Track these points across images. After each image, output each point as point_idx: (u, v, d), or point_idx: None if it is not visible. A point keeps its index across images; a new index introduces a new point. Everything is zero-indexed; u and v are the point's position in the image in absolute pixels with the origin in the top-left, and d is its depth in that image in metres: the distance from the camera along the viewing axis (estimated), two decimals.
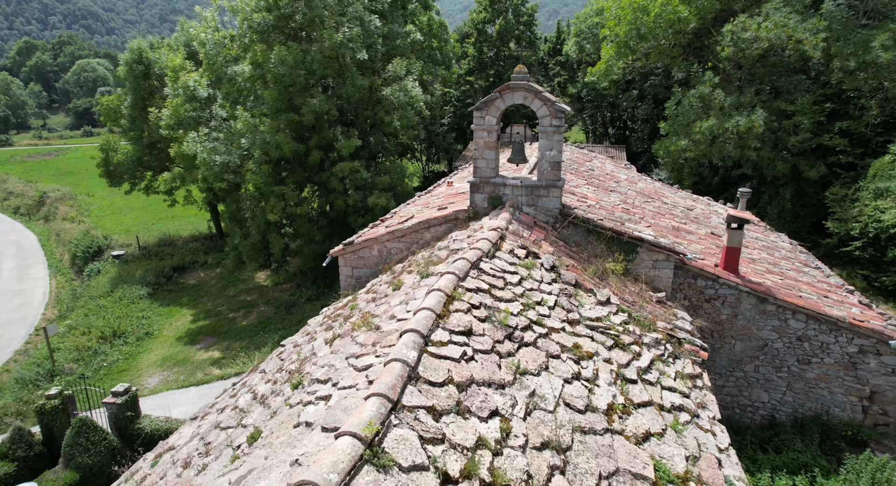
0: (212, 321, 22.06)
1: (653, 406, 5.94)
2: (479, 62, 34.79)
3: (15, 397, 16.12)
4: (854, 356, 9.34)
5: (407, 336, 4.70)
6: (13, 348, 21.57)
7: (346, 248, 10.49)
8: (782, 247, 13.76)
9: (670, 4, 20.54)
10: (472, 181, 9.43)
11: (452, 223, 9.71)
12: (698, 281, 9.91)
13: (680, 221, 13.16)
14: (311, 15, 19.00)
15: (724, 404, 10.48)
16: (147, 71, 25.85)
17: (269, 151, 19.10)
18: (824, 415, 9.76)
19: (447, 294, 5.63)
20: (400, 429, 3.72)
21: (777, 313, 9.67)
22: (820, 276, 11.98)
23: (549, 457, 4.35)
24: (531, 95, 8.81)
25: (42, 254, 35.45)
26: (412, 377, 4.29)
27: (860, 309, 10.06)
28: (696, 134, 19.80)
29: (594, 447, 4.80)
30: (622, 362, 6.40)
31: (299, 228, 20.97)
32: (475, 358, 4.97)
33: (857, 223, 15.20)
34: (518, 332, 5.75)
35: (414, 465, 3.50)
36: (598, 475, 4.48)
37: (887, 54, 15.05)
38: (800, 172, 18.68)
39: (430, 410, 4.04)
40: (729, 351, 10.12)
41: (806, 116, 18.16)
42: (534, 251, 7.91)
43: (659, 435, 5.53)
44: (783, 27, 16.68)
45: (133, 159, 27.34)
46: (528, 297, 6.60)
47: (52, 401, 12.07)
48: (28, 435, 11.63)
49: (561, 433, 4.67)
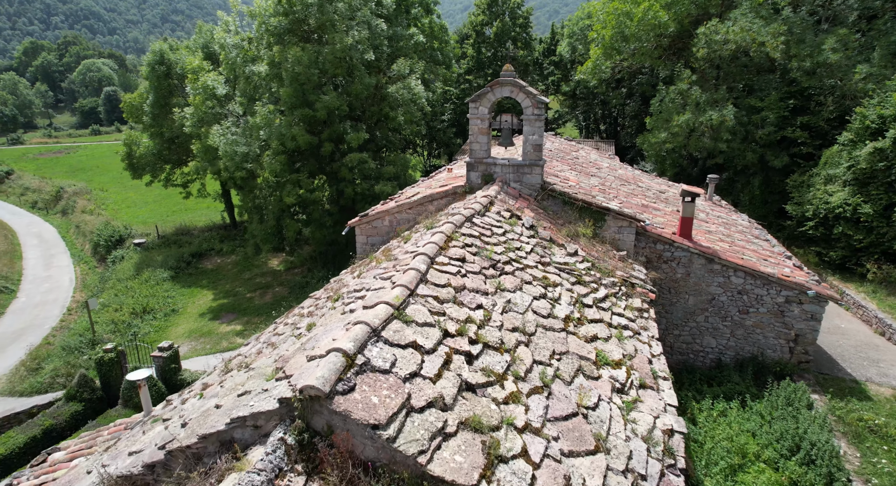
0: (231, 300, 24.01)
1: (602, 323, 7.88)
2: (478, 62, 36.78)
3: (63, 361, 18.11)
4: (782, 306, 11.29)
5: (418, 257, 6.65)
6: (50, 325, 23.56)
7: (362, 219, 12.44)
8: (740, 224, 15.71)
9: (652, 10, 22.48)
10: (468, 161, 11.37)
11: (452, 197, 11.65)
12: (657, 245, 11.85)
13: (650, 200, 15.10)
14: (323, 19, 20.94)
15: (680, 350, 12.44)
16: (168, 71, 27.82)
17: (286, 143, 21.05)
18: (760, 356, 11.71)
19: (447, 235, 7.58)
20: (415, 305, 5.67)
21: (722, 272, 11.62)
22: (767, 246, 13.92)
23: (517, 336, 6.29)
24: (516, 89, 10.74)
25: (63, 244, 37.42)
26: (423, 280, 6.24)
27: (791, 269, 12.01)
28: (675, 127, 21.74)
29: (552, 337, 6.74)
30: (582, 293, 8.35)
31: (312, 214, 22.91)
32: (467, 276, 6.91)
33: (811, 206, 17.13)
34: (500, 264, 7.69)
35: (425, 323, 5.45)
36: (551, 352, 6.42)
37: (835, 56, 16.99)
38: (766, 161, 20.63)
39: (435, 298, 5.99)
40: (684, 305, 12.07)
41: (772, 112, 20.12)
42: (517, 214, 9.86)
43: (604, 340, 7.47)
44: (748, 31, 18.61)
45: (154, 153, 29.32)
46: (510, 244, 8.55)
47: (109, 354, 14.03)
48: (91, 382, 13.56)
49: (527, 325, 6.62)
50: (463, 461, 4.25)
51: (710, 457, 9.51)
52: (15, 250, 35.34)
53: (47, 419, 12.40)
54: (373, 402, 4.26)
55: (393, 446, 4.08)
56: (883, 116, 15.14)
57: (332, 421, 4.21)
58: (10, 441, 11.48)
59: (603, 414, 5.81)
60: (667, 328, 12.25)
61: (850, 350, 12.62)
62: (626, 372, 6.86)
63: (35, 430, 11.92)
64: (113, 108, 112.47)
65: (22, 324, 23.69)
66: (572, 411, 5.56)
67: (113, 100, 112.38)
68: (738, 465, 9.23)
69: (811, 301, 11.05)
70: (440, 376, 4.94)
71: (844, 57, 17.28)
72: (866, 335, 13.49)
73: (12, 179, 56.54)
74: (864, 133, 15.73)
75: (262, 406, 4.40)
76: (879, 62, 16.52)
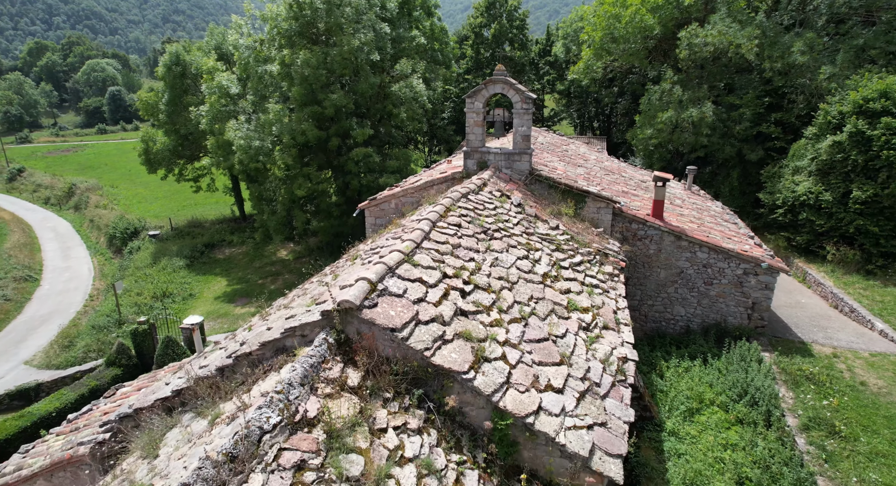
0: (244, 286, 25.57)
1: (576, 282, 9.42)
2: (476, 62, 38.36)
3: (94, 339, 19.67)
4: (741, 277, 12.84)
5: (423, 221, 8.20)
6: (75, 309, 25.13)
7: (371, 202, 13.99)
8: (713, 210, 17.25)
9: (638, 14, 24.04)
10: (465, 150, 12.92)
11: (451, 182, 13.19)
12: (633, 225, 13.39)
13: (631, 188, 16.65)
14: (331, 23, 22.50)
15: (654, 319, 13.99)
16: (184, 71, 29.40)
17: (296, 137, 22.61)
18: (723, 322, 13.25)
19: (447, 207, 9.14)
20: (421, 254, 7.22)
21: (689, 248, 13.16)
22: (734, 228, 15.46)
23: (502, 283, 7.84)
24: (507, 86, 12.28)
25: (78, 238, 39.00)
26: (426, 238, 7.79)
27: (751, 247, 13.56)
28: (659, 124, 23.30)
29: (531, 287, 8.28)
30: (560, 258, 9.89)
31: (320, 205, 24.47)
32: (462, 238, 8.46)
33: (780, 195, 18.68)
34: (490, 231, 9.24)
35: (429, 266, 7.00)
36: (530, 296, 7.96)
37: (803, 58, 18.53)
38: (743, 155, 22.18)
39: (436, 250, 7.54)
40: (656, 278, 13.62)
41: (749, 109, 21.68)
42: (507, 194, 11.41)
43: (576, 293, 9.01)
44: (725, 34, 20.16)
45: (170, 149, 30.91)
46: (499, 217, 10.10)
47: (142, 326, 15.60)
48: (127, 350, 15.12)
49: (511, 276, 8.16)
50: (457, 357, 5.81)
51: (672, 403, 11.05)
52: (33, 242, 36.91)
53: (92, 380, 13.95)
54: (391, 314, 5.82)
55: (406, 344, 5.64)
56: (842, 112, 16.67)
57: (361, 328, 5.78)
58: (63, 397, 13.04)
59: (569, 341, 7.35)
60: (641, 299, 13.80)
61: (804, 320, 14.16)
62: (592, 316, 8.41)
63: (83, 389, 13.48)
64: (117, 107, 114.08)
65: (48, 309, 25.27)
66: (544, 336, 7.11)
67: (117, 99, 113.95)
68: (695, 408, 10.78)
69: (765, 273, 12.59)
70: (440, 303, 6.50)
71: (812, 58, 18.83)
72: (822, 309, 15.04)
73: (24, 177, 58.11)
74: (825, 128, 17.28)
75: (308, 319, 5.96)
76: (842, 63, 18.07)
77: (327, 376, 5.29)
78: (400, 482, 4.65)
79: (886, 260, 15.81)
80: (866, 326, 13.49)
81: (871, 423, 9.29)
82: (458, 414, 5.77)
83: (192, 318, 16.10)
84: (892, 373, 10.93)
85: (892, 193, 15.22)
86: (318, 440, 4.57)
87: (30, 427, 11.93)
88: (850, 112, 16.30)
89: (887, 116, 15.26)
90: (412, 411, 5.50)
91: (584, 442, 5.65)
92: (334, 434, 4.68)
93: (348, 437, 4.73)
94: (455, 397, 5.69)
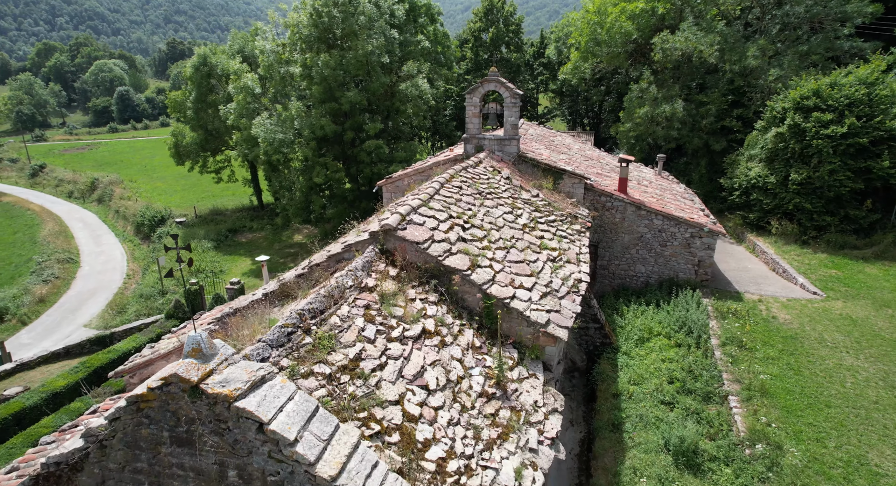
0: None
1: (549, 232, 12.41)
2: (475, 63, 41.40)
3: (142, 305, 22.69)
4: (689, 240, 15.84)
5: (434, 182, 11.20)
6: (116, 286, 28.14)
7: (388, 180, 17.00)
8: (676, 190, 20.27)
9: (619, 21, 27.07)
10: (464, 137, 15.92)
11: (453, 162, 16.16)
12: (602, 198, 16.39)
13: (605, 171, 19.66)
14: (346, 29, 25.52)
15: (620, 276, 16.99)
16: (210, 72, 32.43)
17: (315, 131, 25.62)
18: (675, 277, 16.25)
19: (451, 175, 12.14)
20: (433, 202, 10.22)
21: (647, 216, 16.15)
22: (690, 204, 18.47)
23: (492, 226, 10.82)
24: (499, 84, 15.26)
25: (105, 227, 41.98)
26: (437, 193, 10.79)
27: (699, 216, 16.56)
28: (637, 118, 26.32)
29: (513, 231, 11.27)
30: (538, 216, 12.88)
31: (335, 191, 27.48)
32: (462, 196, 11.45)
33: (737, 179, 21.69)
34: (484, 193, 12.23)
35: (439, 209, 10.01)
36: (511, 236, 10.95)
37: (755, 61, 21.55)
38: (710, 146, 25.20)
39: (444, 201, 10.55)
40: (621, 242, 16.62)
41: (714, 105, 24.70)
42: (498, 170, 14.42)
43: (549, 239, 12.00)
44: (690, 40, 23.18)
45: (197, 143, 33.95)
46: (491, 185, 13.09)
47: (194, 287, 18.60)
48: (183, 306, 18.11)
49: (498, 223, 11.16)
50: (460, 263, 8.80)
51: (629, 335, 14.05)
52: (66, 231, 39.91)
53: (157, 328, 16.94)
54: (416, 234, 8.83)
55: (427, 252, 8.64)
56: (784, 108, 19.67)
57: (396, 244, 8.78)
58: (138, 340, 16.02)
59: (539, 266, 10.35)
60: (609, 260, 16.80)
61: (745, 278, 17.16)
62: (558, 254, 11.42)
63: (151, 334, 16.46)
64: (125, 107, 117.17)
65: (92, 285, 28.28)
66: (521, 260, 10.11)
67: (125, 99, 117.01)
68: (645, 337, 13.78)
69: (707, 236, 15.60)
70: (448, 231, 9.50)
71: (763, 62, 21.84)
72: (763, 271, 18.04)
73: (46, 173, 61.09)
74: (771, 121, 20.28)
75: (360, 238, 8.96)
76: (788, 67, 21.08)
77: (377, 269, 8.29)
78: (425, 325, 7.65)
79: (818, 232, 18.82)
80: (792, 282, 16.50)
81: (770, 340, 12.30)
82: (459, 299, 8.77)
83: (234, 279, 19.08)
84: (799, 311, 13.94)
85: (822, 175, 18.22)
86: (375, 298, 7.58)
87: (116, 360, 14.90)
88: (789, 108, 19.30)
89: (817, 111, 18.27)
90: (430, 293, 8.51)
91: (544, 317, 8.65)
92: (385, 297, 7.69)
93: (392, 299, 7.74)
94: (457, 287, 8.70)
